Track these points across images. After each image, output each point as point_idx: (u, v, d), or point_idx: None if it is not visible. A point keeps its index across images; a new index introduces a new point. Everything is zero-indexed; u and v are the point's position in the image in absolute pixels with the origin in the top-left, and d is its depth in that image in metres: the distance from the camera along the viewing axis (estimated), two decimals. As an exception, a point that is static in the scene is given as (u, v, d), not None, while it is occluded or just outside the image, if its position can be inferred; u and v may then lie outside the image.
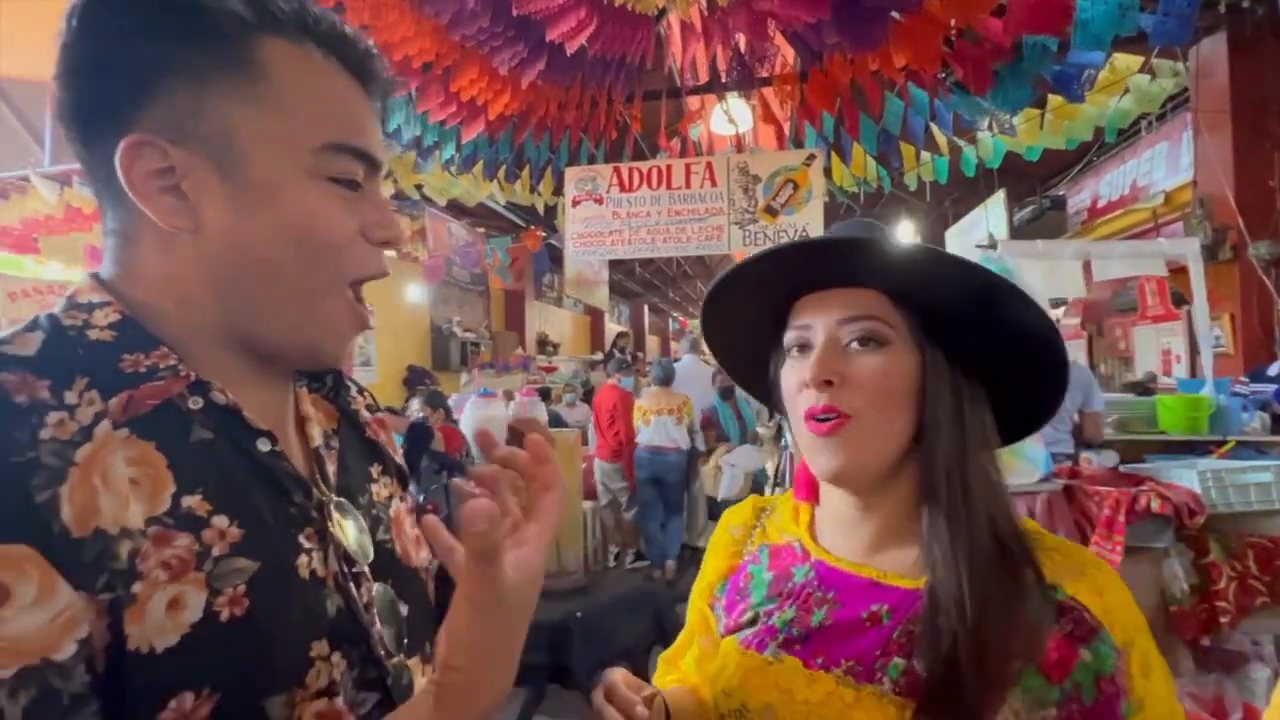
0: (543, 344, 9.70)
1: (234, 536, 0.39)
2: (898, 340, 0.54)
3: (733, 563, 0.66)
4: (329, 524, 0.45)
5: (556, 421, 4.91)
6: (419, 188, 4.99)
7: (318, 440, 0.50)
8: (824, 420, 0.53)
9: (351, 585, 0.45)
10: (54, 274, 4.84)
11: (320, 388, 0.55)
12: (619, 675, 0.54)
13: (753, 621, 0.58)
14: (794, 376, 0.57)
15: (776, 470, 4.79)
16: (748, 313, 0.63)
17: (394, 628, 0.48)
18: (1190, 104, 3.82)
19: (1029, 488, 1.91)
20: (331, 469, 0.49)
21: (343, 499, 0.48)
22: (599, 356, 9.28)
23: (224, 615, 0.38)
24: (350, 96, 0.46)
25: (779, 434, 4.57)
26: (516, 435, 0.43)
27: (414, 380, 6.38)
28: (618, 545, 4.72)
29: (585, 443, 4.89)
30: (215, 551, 0.39)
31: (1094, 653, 0.47)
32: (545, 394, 5.72)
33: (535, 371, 7.46)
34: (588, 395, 7.18)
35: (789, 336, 0.58)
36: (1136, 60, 3.65)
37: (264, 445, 0.43)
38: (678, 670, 0.68)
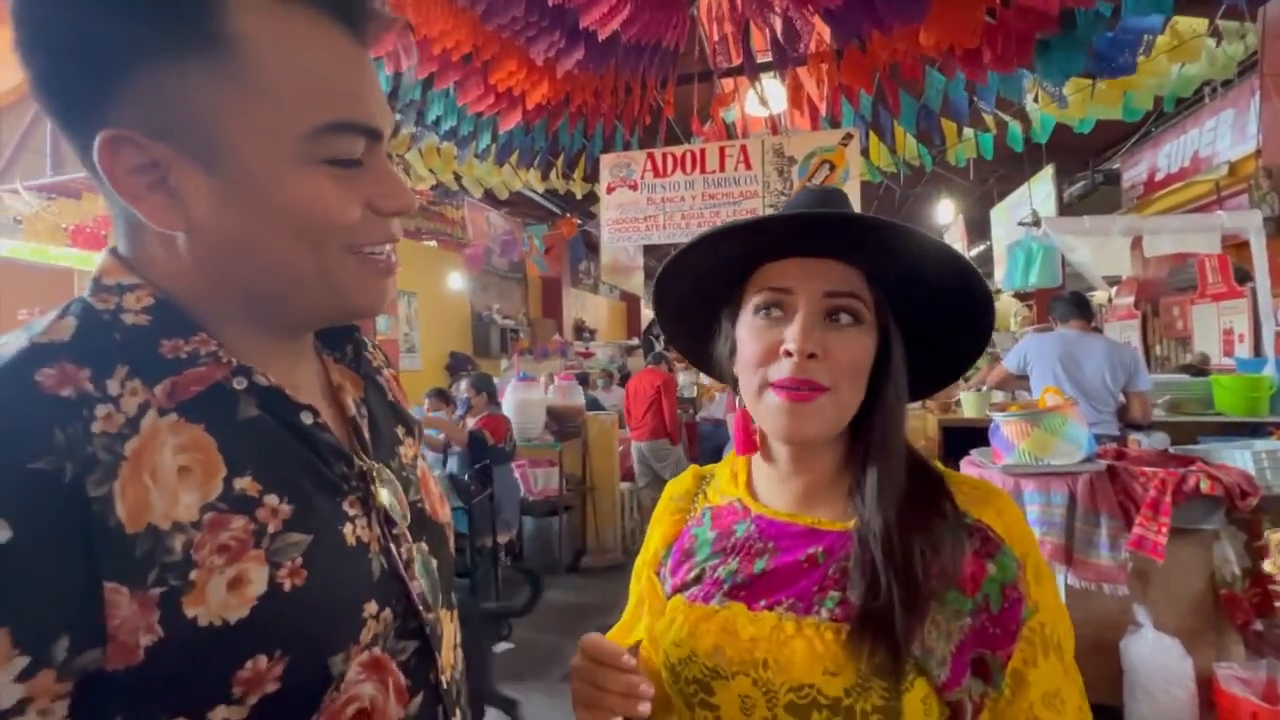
0: (579, 330, 9.81)
1: (285, 513, 0.40)
2: (868, 318, 0.58)
3: (677, 529, 0.68)
4: (371, 490, 0.47)
5: (594, 405, 4.99)
6: (457, 178, 5.10)
7: (353, 409, 0.50)
8: (798, 390, 0.55)
9: (393, 546, 0.47)
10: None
11: (342, 357, 0.54)
12: (595, 635, 0.59)
13: (698, 578, 0.62)
14: (764, 339, 0.57)
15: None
16: (706, 273, 0.63)
17: (430, 582, 0.50)
18: (1258, 68, 3.59)
19: (1070, 468, 1.89)
20: (367, 436, 0.50)
21: (379, 464, 0.49)
22: (635, 342, 9.34)
23: (286, 586, 0.39)
24: (344, 60, 0.41)
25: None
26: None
27: (456, 366, 6.56)
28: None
29: (621, 425, 4.97)
30: (270, 529, 0.39)
31: (998, 565, 0.54)
32: (584, 379, 5.82)
33: (573, 357, 7.57)
34: (624, 379, 7.26)
35: (761, 297, 0.59)
36: (1200, 23, 3.45)
37: (307, 418, 0.44)
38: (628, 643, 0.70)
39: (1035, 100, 3.82)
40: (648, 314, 12.18)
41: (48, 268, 3.99)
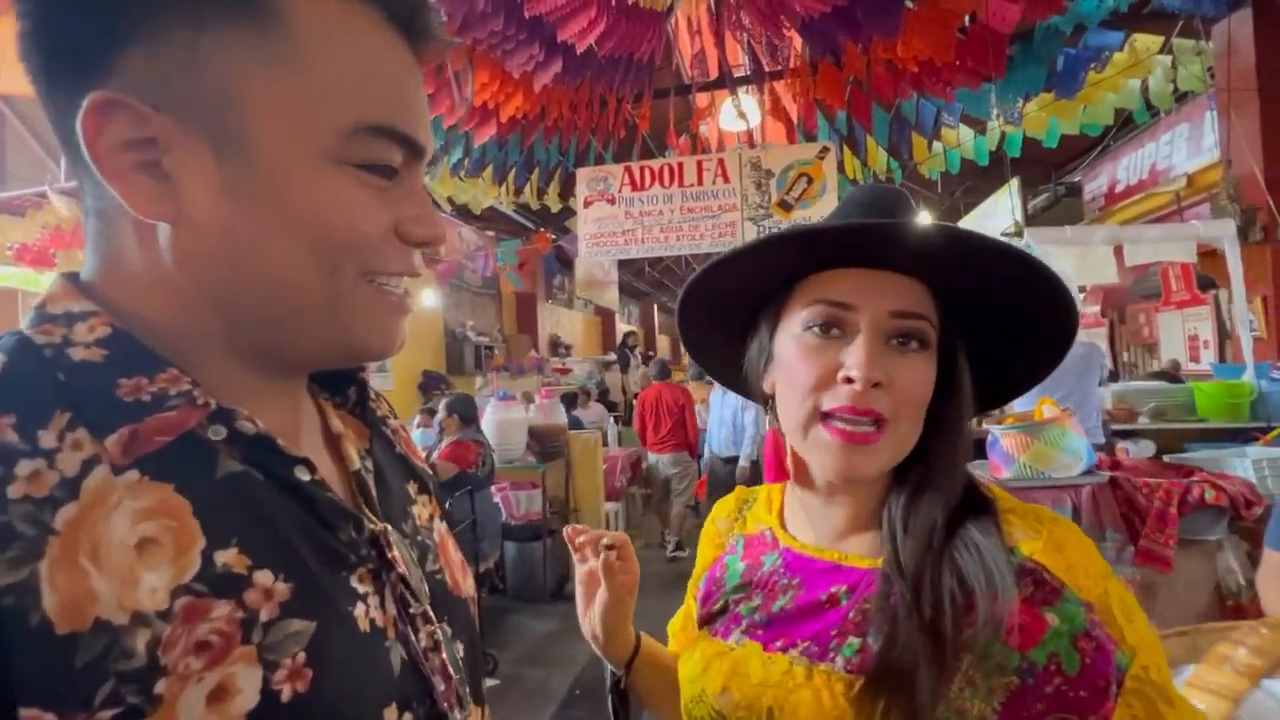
0: (555, 346, 9.69)
1: (282, 593, 0.32)
2: (934, 342, 0.51)
3: (715, 554, 0.65)
4: (390, 556, 0.38)
5: (574, 423, 4.89)
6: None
7: (356, 462, 0.42)
8: (859, 424, 0.48)
9: (410, 630, 0.38)
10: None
11: (344, 401, 0.46)
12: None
13: (722, 611, 0.58)
14: (818, 361, 0.50)
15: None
16: (748, 276, 0.56)
17: (460, 675, 0.40)
18: (1213, 84, 3.73)
19: (1072, 480, 1.87)
20: (374, 493, 0.42)
21: (390, 528, 0.40)
22: (612, 357, 9.26)
23: (285, 694, 0.30)
24: (396, 61, 0.36)
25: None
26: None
27: (429, 385, 6.38)
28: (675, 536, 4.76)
29: (605, 443, 4.87)
30: (263, 616, 0.31)
31: (1060, 614, 0.45)
32: (571, 399, 5.71)
33: (550, 373, 7.45)
34: (602, 395, 7.15)
35: (813, 311, 0.51)
36: (1157, 41, 3.58)
37: (303, 474, 0.35)
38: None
39: (997, 117, 3.91)
40: (623, 328, 12.13)
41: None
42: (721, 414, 4.31)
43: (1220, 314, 4.55)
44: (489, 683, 2.62)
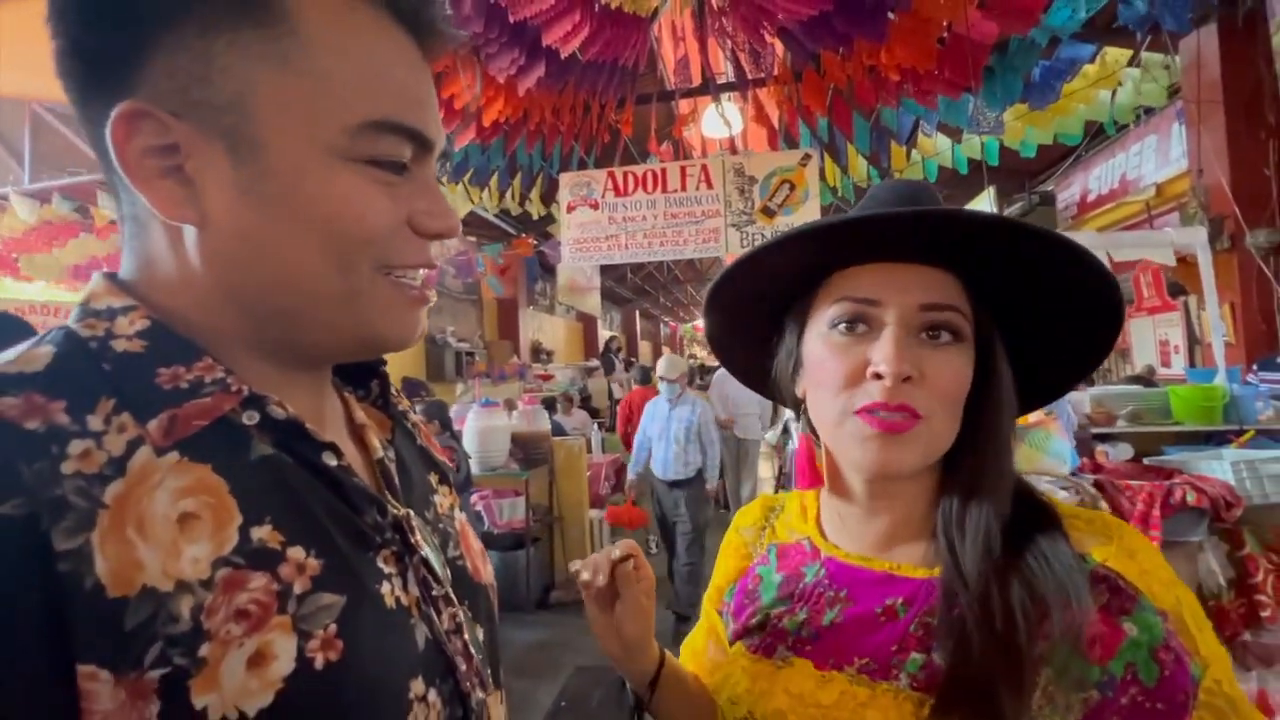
0: (537, 352, 9.63)
1: (314, 569, 0.34)
2: (969, 334, 0.50)
3: (742, 565, 0.62)
4: (411, 541, 0.40)
5: (557, 430, 4.84)
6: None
7: (380, 451, 0.44)
8: (890, 417, 0.47)
9: (433, 611, 0.40)
10: (35, 293, 4.71)
11: (366, 395, 0.49)
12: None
13: (761, 626, 0.55)
14: (847, 358, 0.49)
15: (780, 473, 4.76)
16: (769, 277, 0.55)
17: (480, 657, 0.43)
18: (1180, 96, 3.85)
19: (1059, 484, 1.88)
20: (397, 481, 0.44)
21: (411, 513, 0.43)
22: (594, 363, 9.22)
23: (318, 662, 0.32)
24: (403, 58, 0.37)
25: (785, 432, 4.55)
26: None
27: (409, 392, 6.26)
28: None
29: (589, 449, 4.82)
30: (297, 588, 0.33)
31: (1138, 624, 0.43)
32: (550, 404, 5.66)
33: (532, 380, 7.39)
34: (584, 401, 7.11)
35: (839, 308, 0.51)
36: (1127, 54, 3.68)
37: (330, 459, 0.37)
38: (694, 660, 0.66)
39: (975, 126, 3.98)
40: (605, 333, 12.10)
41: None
42: (668, 429, 3.73)
43: (1190, 320, 4.68)
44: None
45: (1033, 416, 1.98)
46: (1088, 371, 0.55)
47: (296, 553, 0.33)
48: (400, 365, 6.93)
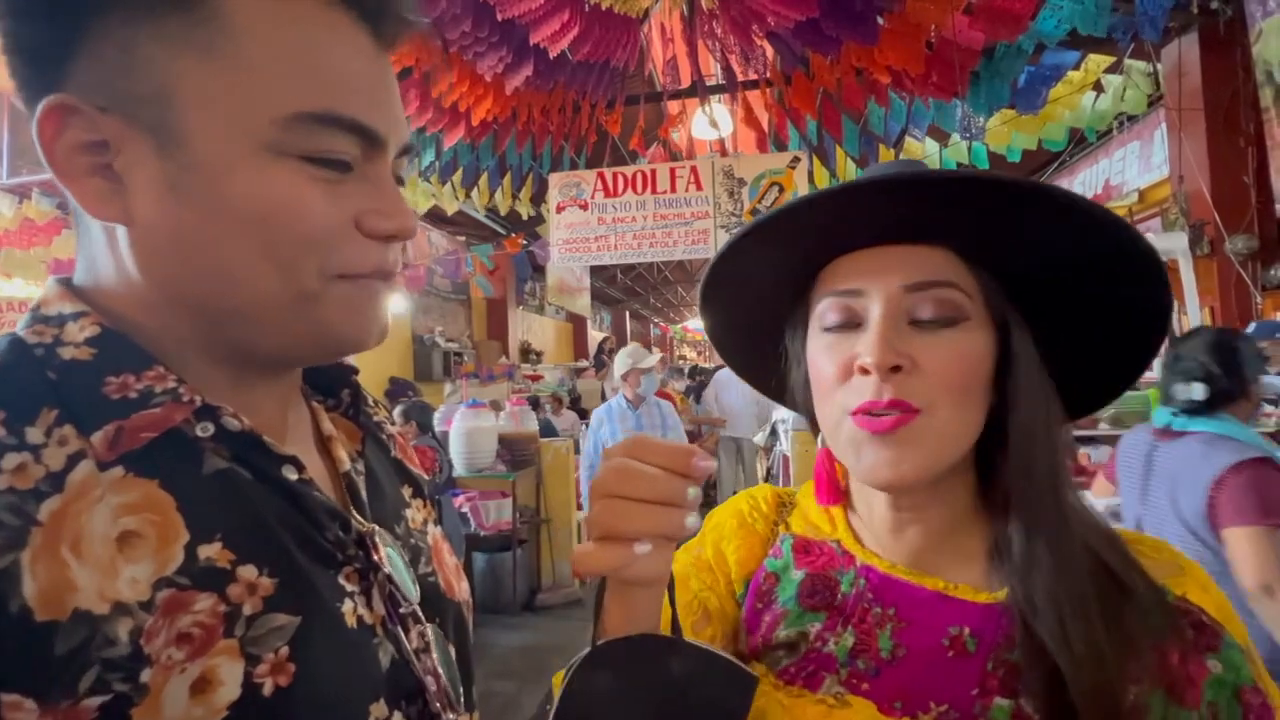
0: (526, 352, 9.59)
1: (267, 588, 0.32)
2: (974, 313, 0.44)
3: (753, 553, 0.53)
4: (375, 558, 0.39)
5: (546, 430, 4.82)
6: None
7: (347, 463, 0.43)
8: (883, 416, 0.42)
9: (400, 630, 0.38)
10: (16, 290, 4.63)
11: (337, 404, 0.47)
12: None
13: (793, 645, 0.46)
14: (836, 358, 0.45)
15: (768, 475, 4.77)
16: (759, 281, 0.50)
17: (449, 675, 0.41)
18: (1162, 104, 3.91)
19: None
20: (364, 495, 0.42)
21: (380, 529, 0.41)
22: (584, 364, 9.21)
23: (267, 688, 0.31)
24: (344, 46, 0.35)
25: (773, 434, 4.55)
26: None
27: (396, 392, 6.23)
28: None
29: (577, 450, 4.81)
30: (246, 610, 0.31)
31: (1224, 662, 0.39)
32: (534, 403, 5.64)
33: (521, 380, 7.36)
34: (574, 402, 7.09)
35: (826, 305, 0.46)
36: (1109, 61, 3.73)
37: (290, 473, 0.36)
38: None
39: (964, 130, 4.02)
40: (595, 335, 12.09)
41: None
42: (598, 441, 3.41)
43: (1171, 324, 4.75)
44: (456, 699, 2.55)
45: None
46: (1135, 370, 0.48)
47: (248, 572, 0.32)
48: (387, 365, 6.88)
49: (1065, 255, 0.43)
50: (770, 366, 0.55)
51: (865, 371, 0.43)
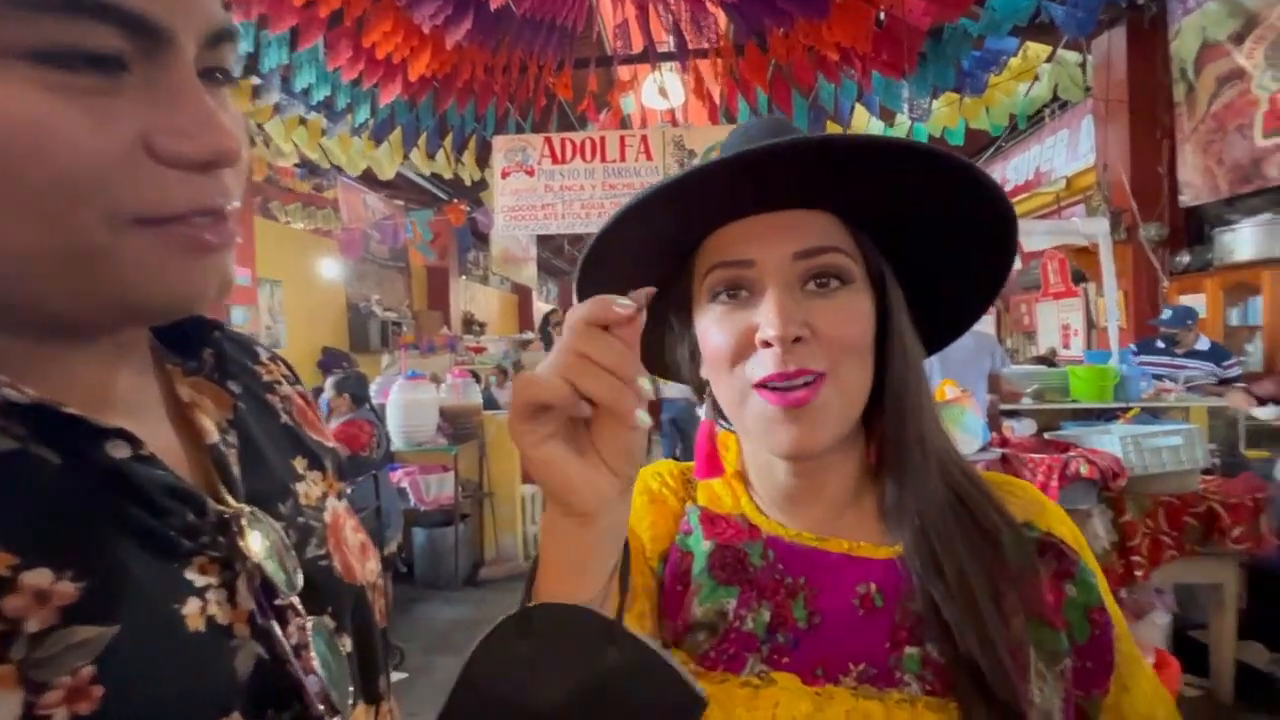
0: (469, 323, 9.34)
1: (66, 596, 0.27)
2: (858, 274, 0.45)
3: (667, 526, 0.51)
4: (238, 546, 0.33)
5: (490, 403, 4.72)
6: (325, 155, 4.58)
7: (214, 435, 0.36)
8: (794, 387, 0.42)
9: (275, 626, 0.33)
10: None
11: (200, 367, 0.39)
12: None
13: (711, 626, 0.45)
14: (731, 329, 0.44)
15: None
16: (641, 254, 0.49)
17: (335, 671, 0.36)
18: (1090, 94, 4.09)
19: (970, 457, 1.99)
20: (236, 471, 0.36)
21: (254, 509, 0.35)
22: (529, 335, 9.05)
23: (59, 718, 0.25)
24: None
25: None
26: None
27: (329, 363, 5.95)
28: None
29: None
30: (31, 626, 0.26)
31: (1079, 585, 0.44)
32: (475, 377, 5.50)
33: (463, 352, 7.16)
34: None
35: (715, 277, 0.45)
36: (1047, 50, 3.87)
37: (118, 450, 0.29)
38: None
39: (909, 111, 4.10)
40: (542, 306, 11.89)
41: None
42: None
43: (1089, 305, 5.06)
44: (396, 676, 2.48)
45: (950, 393, 2.08)
46: (986, 300, 0.51)
47: (37, 578, 0.26)
48: (320, 334, 6.54)
49: (933, 213, 0.45)
50: (651, 340, 0.51)
51: (767, 344, 0.42)
